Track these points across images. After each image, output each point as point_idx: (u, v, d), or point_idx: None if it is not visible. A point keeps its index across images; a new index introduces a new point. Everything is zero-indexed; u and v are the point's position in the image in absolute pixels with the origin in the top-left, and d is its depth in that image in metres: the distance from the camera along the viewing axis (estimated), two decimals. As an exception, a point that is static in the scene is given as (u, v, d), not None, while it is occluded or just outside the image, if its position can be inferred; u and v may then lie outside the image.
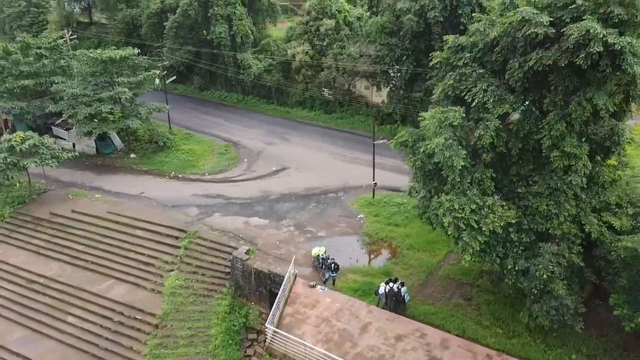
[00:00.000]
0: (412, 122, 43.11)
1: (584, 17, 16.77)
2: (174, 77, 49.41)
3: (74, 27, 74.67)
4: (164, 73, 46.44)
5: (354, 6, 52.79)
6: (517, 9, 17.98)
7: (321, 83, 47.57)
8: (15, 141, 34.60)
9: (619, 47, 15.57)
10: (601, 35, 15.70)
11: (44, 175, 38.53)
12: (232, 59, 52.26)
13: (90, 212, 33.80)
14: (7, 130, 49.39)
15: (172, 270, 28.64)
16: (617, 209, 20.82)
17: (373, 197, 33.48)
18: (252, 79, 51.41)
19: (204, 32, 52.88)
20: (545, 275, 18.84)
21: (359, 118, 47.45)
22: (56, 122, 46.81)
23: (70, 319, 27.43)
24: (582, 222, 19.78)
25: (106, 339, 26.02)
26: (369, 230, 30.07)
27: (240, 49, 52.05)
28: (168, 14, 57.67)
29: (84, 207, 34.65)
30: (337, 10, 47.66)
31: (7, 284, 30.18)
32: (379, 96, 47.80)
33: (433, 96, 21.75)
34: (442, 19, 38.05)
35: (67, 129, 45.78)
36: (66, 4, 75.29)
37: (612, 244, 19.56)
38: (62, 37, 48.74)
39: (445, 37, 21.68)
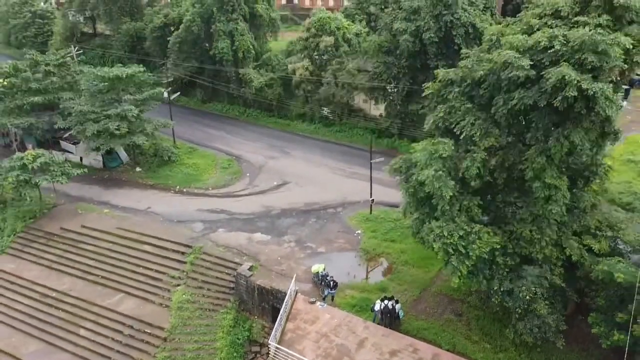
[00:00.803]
0: (409, 135, 44.77)
1: (562, 61, 18.28)
2: (178, 93, 50.89)
3: (78, 37, 76.36)
4: (169, 89, 47.87)
5: (353, 22, 54.19)
6: (501, 52, 19.44)
7: (321, 98, 49.02)
8: (27, 159, 36.18)
9: (592, 92, 17.05)
10: (575, 81, 17.19)
11: (54, 189, 40.02)
12: (234, 73, 53.73)
13: (100, 228, 35.30)
14: (16, 142, 51.11)
15: (179, 285, 30.15)
16: (596, 232, 22.30)
17: (370, 212, 34.96)
18: (253, 93, 52.89)
19: (207, 44, 54.32)
20: (527, 297, 20.38)
21: (358, 131, 48.88)
22: (64, 136, 48.32)
23: (82, 332, 28.96)
24: (563, 245, 21.29)
25: (117, 351, 27.55)
26: (367, 246, 31.55)
27: (242, 64, 53.51)
28: (171, 28, 59.29)
29: (94, 222, 36.14)
30: (336, 27, 49.06)
31: (22, 297, 31.72)
32: (377, 109, 49.24)
33: (425, 126, 23.24)
34: (437, 40, 39.53)
35: (74, 143, 47.29)
36: (70, 15, 76.90)
37: (592, 266, 21.06)
38: (68, 53, 49.98)
39: (435, 72, 23.19)
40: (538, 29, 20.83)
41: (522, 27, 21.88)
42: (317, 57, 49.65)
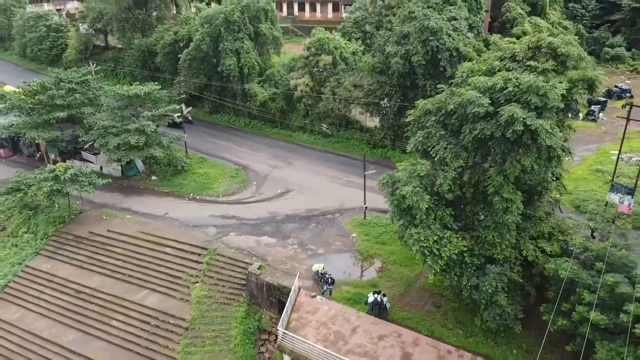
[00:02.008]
0: (401, 146, 49.18)
1: (514, 100, 22.78)
2: (190, 109, 55.35)
3: (91, 50, 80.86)
4: (182, 105, 52.34)
5: (349, 39, 58.68)
6: (467, 91, 23.90)
7: (320, 112, 53.52)
8: (59, 171, 40.63)
9: (534, 127, 21.52)
10: (522, 118, 21.65)
11: (80, 197, 44.45)
12: (240, 87, 58.18)
13: (124, 232, 39.75)
14: (40, 153, 55.63)
15: (197, 282, 34.61)
16: (550, 237, 26.80)
17: (364, 218, 39.42)
18: (258, 106, 57.36)
19: (215, 61, 58.69)
20: (490, 290, 24.84)
21: (354, 142, 53.37)
22: (85, 147, 52.82)
23: (114, 323, 33.43)
24: (521, 248, 25.78)
25: (146, 339, 32.02)
26: (361, 248, 36.02)
27: (248, 79, 57.98)
28: (180, 44, 63.77)
29: (118, 227, 40.60)
30: (334, 47, 53.57)
31: (58, 293, 36.17)
32: (372, 121, 53.74)
33: (407, 148, 27.71)
34: (424, 62, 43.92)
35: (94, 154, 51.75)
36: (83, 28, 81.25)
37: (544, 265, 25.55)
38: (89, 71, 54.26)
39: (416, 102, 27.61)
40: (499, 70, 25.35)
41: (487, 66, 26.37)
42: (316, 73, 54.15)
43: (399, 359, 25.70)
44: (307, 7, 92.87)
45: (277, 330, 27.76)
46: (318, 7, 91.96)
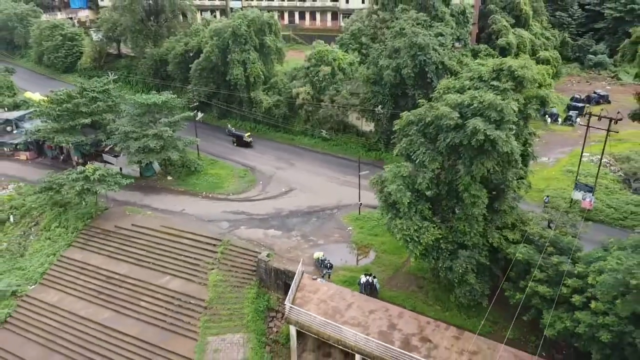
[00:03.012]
0: (394, 148, 54.26)
1: (478, 115, 27.95)
2: (203, 115, 60.57)
3: (104, 58, 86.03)
4: (200, 113, 57.50)
5: (347, 51, 63.86)
6: (441, 106, 29.05)
7: (320, 117, 58.73)
8: (89, 172, 45.78)
9: (492, 137, 26.70)
10: (483, 129, 26.82)
11: (105, 195, 49.54)
12: (246, 95, 63.34)
13: (147, 226, 44.90)
14: (63, 155, 60.78)
15: (213, 269, 39.77)
16: (513, 227, 31.99)
17: (359, 213, 44.59)
18: (262, 112, 62.54)
19: (223, 70, 63.72)
20: (461, 270, 30.03)
21: (351, 145, 58.57)
22: (105, 150, 57.98)
23: (142, 303, 38.59)
24: (488, 236, 30.96)
25: (171, 317, 37.17)
26: (355, 239, 41.20)
27: (253, 87, 63.15)
28: (190, 54, 68.86)
29: (141, 221, 45.75)
30: (332, 58, 58.77)
31: (92, 279, 41.34)
32: (368, 125, 58.93)
33: (394, 152, 32.87)
34: (413, 75, 49.14)
35: (115, 156, 56.93)
36: (96, 36, 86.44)
37: (507, 250, 30.73)
38: (109, 81, 59.27)
39: (401, 114, 32.71)
40: (468, 88, 30.53)
41: (460, 84, 31.56)
42: (316, 82, 59.30)
43: (386, 328, 30.91)
44: (307, 15, 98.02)
45: (285, 305, 32.92)
46: (318, 16, 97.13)
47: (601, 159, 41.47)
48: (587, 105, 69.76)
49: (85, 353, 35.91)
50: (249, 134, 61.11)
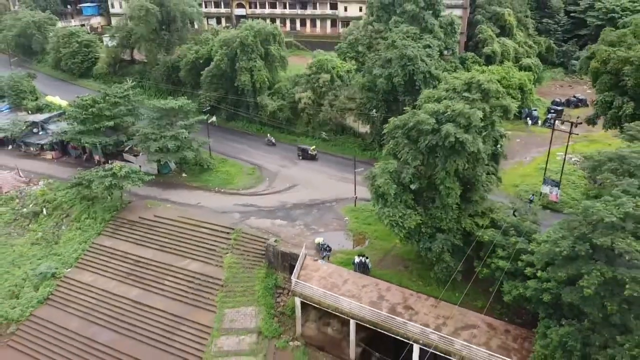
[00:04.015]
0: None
1: (450, 120, 33.90)
2: (214, 118, 66.60)
3: (119, 64, 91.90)
4: (207, 116, 63.43)
5: (344, 59, 69.82)
6: (420, 114, 34.98)
7: (320, 120, 64.74)
8: (115, 169, 51.76)
9: (461, 139, 32.65)
10: (453, 133, 32.77)
11: (128, 190, 55.46)
12: (252, 99, 69.34)
13: (167, 216, 50.91)
14: (85, 154, 66.73)
15: (227, 253, 45.75)
16: (483, 214, 37.95)
17: (355, 205, 50.57)
18: (268, 115, 68.54)
19: (231, 75, 69.51)
20: (438, 250, 36.01)
21: (348, 145, 64.57)
22: (125, 149, 63.95)
23: (167, 282, 44.59)
24: (461, 222, 36.93)
25: (192, 293, 43.17)
26: (351, 228, 47.20)
27: (259, 92, 69.14)
28: (200, 61, 74.73)
29: (162, 213, 51.76)
30: (331, 67, 64.76)
31: (121, 262, 47.34)
32: (364, 127, 64.89)
33: (383, 152, 38.84)
34: (403, 83, 55.11)
35: (134, 155, 62.93)
36: (110, 43, 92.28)
37: (477, 233, 36.71)
38: (129, 87, 65.08)
39: (389, 119, 38.62)
40: (444, 98, 36.48)
41: (438, 95, 37.54)
42: (317, 88, 65.25)
43: (376, 299, 36.94)
44: (308, 23, 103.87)
45: (291, 280, 38.92)
46: (318, 23, 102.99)
47: (564, 157, 47.44)
48: (567, 108, 75.77)
49: (119, 324, 41.90)
50: (314, 147, 62.70)
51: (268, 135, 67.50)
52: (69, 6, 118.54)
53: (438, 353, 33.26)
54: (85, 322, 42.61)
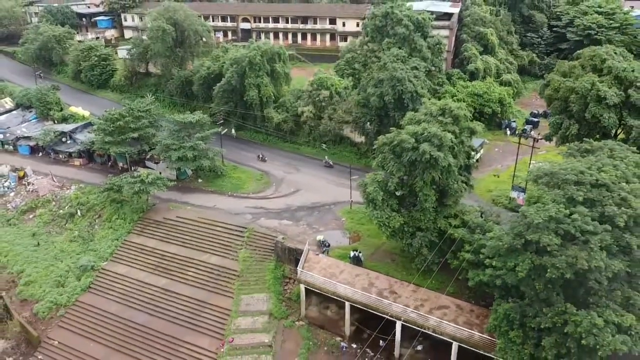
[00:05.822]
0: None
1: (427, 140, 41.84)
2: (226, 130, 74.54)
3: (136, 77, 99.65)
4: (225, 129, 71.23)
5: (342, 76, 77.76)
6: (403, 134, 42.87)
7: (320, 131, 72.72)
8: (143, 176, 59.65)
9: (435, 156, 40.59)
10: (429, 151, 40.71)
11: (153, 194, 63.20)
12: (259, 112, 77.29)
13: (188, 217, 58.83)
14: (110, 161, 74.58)
15: (242, 249, 53.67)
16: (456, 216, 45.92)
17: (350, 208, 58.52)
18: (273, 126, 76.50)
19: (240, 89, 77.34)
20: (417, 246, 43.99)
21: (346, 154, 72.52)
22: (147, 157, 71.84)
23: (189, 273, 52.50)
24: (437, 222, 44.90)
25: (212, 282, 51.08)
26: (347, 227, 55.17)
27: (265, 106, 77.07)
28: (212, 76, 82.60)
29: (183, 214, 59.67)
30: (330, 84, 72.75)
31: (150, 256, 55.25)
32: (360, 138, 72.80)
33: (373, 164, 46.78)
34: (393, 100, 63.02)
35: (155, 163, 70.81)
36: (127, 54, 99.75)
37: (450, 232, 44.66)
38: (151, 102, 72.88)
39: (378, 138, 46.49)
40: (423, 121, 44.42)
41: (417, 117, 45.48)
42: (317, 103, 73.20)
43: (367, 285, 44.97)
44: (308, 37, 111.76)
45: (297, 270, 46.89)
46: (318, 37, 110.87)
47: (529, 165, 55.39)
48: (544, 119, 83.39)
49: (152, 307, 49.83)
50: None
51: (326, 157, 71.11)
52: (84, 19, 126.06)
53: (416, 327, 41.26)
54: (123, 306, 50.51)
